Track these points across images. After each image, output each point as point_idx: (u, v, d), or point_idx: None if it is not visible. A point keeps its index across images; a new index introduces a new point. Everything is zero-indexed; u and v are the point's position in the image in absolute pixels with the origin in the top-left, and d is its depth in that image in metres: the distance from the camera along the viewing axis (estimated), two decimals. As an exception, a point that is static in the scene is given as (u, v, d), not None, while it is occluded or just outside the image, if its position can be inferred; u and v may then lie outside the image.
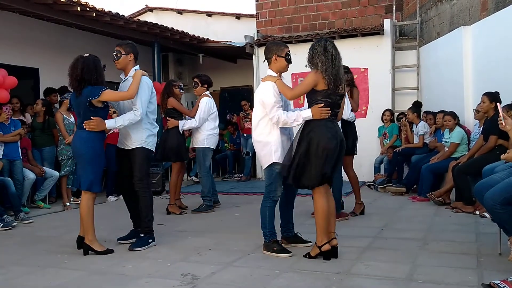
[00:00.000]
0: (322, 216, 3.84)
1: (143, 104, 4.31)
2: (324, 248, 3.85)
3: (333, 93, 3.83)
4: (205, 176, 6.35)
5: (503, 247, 3.84)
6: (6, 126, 6.24)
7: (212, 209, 6.34)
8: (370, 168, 8.73)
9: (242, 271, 3.68)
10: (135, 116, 4.28)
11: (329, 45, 3.86)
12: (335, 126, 3.94)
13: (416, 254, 3.99)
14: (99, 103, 4.22)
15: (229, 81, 12.29)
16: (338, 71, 3.85)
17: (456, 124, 6.64)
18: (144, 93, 4.32)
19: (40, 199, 6.71)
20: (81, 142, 4.24)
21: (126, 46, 4.48)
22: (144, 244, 4.40)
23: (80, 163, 4.30)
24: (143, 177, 4.43)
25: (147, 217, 4.45)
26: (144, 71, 4.50)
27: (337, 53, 3.89)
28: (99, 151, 4.31)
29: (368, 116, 9.27)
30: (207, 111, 6.31)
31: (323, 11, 10.29)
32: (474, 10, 7.30)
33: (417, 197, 6.84)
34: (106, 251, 4.23)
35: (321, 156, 3.75)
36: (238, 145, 10.76)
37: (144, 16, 12.83)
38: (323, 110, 3.80)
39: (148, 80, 4.44)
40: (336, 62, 3.83)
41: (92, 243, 4.22)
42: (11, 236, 5.12)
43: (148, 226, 4.45)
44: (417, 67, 9.13)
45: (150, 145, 4.48)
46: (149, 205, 4.46)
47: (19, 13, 7.83)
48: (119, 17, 8.28)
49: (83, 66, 4.16)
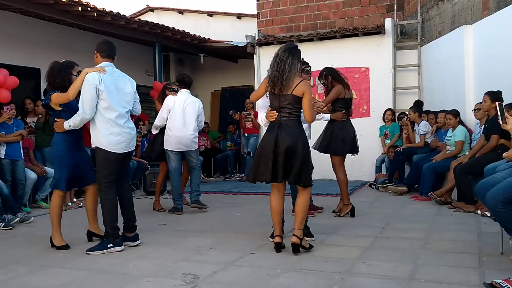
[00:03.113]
0: (272, 211, 4.18)
1: (83, 104, 4.18)
2: (275, 240, 4.15)
3: (273, 96, 4.08)
4: (171, 177, 6.25)
5: (505, 246, 3.84)
6: (9, 126, 6.26)
7: (179, 211, 6.16)
8: (371, 167, 8.73)
9: (243, 270, 3.68)
10: (77, 115, 4.25)
11: (280, 49, 4.10)
12: (276, 128, 4.04)
13: (417, 254, 3.98)
14: (57, 106, 4.36)
15: (230, 81, 12.31)
16: (280, 73, 3.98)
17: (458, 123, 6.64)
18: (84, 92, 4.19)
19: (42, 199, 6.73)
20: (52, 143, 4.50)
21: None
22: (100, 249, 4.24)
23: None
24: (100, 179, 4.32)
25: (105, 221, 4.31)
26: (102, 67, 4.29)
27: (284, 57, 4.00)
28: (62, 151, 4.38)
29: (369, 116, 9.27)
30: (165, 110, 6.18)
31: (324, 11, 10.29)
32: (475, 9, 7.29)
33: (419, 196, 6.84)
34: (64, 246, 4.43)
35: (255, 157, 4.19)
36: (239, 144, 10.75)
37: (145, 16, 12.84)
38: (269, 114, 4.12)
39: (94, 77, 4.17)
40: (280, 65, 3.99)
41: (54, 237, 4.47)
42: (12, 236, 5.12)
43: (107, 230, 4.31)
44: (418, 67, 9.12)
45: (109, 146, 4.26)
46: (107, 208, 4.29)
47: (20, 13, 7.85)
48: (120, 17, 8.29)
49: (48, 72, 4.46)
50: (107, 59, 4.39)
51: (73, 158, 4.42)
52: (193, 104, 6.20)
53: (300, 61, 4.19)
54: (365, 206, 6.30)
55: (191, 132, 6.13)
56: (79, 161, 4.47)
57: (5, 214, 5.57)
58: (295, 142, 3.99)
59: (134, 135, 4.46)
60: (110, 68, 4.35)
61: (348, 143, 5.57)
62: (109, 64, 4.38)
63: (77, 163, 4.45)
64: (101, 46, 4.42)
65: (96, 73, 4.20)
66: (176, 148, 6.13)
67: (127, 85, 4.44)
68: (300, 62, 4.25)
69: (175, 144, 6.11)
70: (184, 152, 6.21)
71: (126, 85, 4.43)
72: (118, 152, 4.29)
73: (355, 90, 9.34)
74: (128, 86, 4.45)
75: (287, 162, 4.00)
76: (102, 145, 4.27)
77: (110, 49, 4.41)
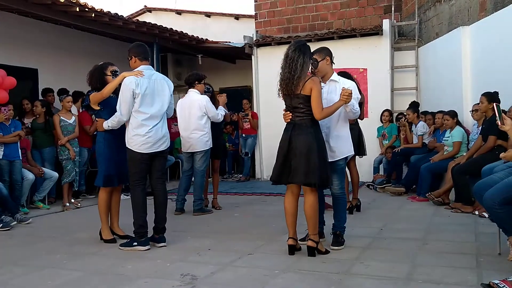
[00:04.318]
0: (285, 213, 4.09)
1: (120, 106, 4.35)
2: (288, 242, 4.08)
3: (286, 97, 4.02)
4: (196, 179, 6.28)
5: (502, 247, 3.85)
6: (6, 126, 6.25)
7: (176, 211, 6.22)
8: (369, 168, 8.73)
9: (241, 271, 3.68)
10: (115, 117, 4.41)
11: (289, 49, 4.00)
12: (291, 128, 4.00)
13: (415, 254, 3.99)
14: (96, 106, 4.58)
15: (228, 81, 12.28)
16: (292, 74, 3.91)
17: (456, 123, 6.65)
18: (121, 95, 4.35)
19: (39, 200, 6.72)
20: (96, 142, 4.79)
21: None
22: (127, 245, 4.41)
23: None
24: (130, 176, 4.46)
25: (134, 219, 4.41)
26: (140, 71, 4.41)
27: (295, 56, 3.92)
28: (103, 149, 4.61)
29: (367, 116, 9.27)
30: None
31: (322, 12, 10.29)
32: (472, 11, 7.31)
33: (416, 197, 6.85)
34: (111, 240, 4.66)
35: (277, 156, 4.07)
36: (237, 145, 10.76)
37: (143, 17, 12.82)
38: (284, 116, 4.08)
39: (131, 82, 4.31)
40: (292, 66, 3.92)
41: (103, 231, 4.72)
42: (10, 237, 5.11)
43: (134, 228, 4.41)
44: (416, 68, 9.14)
45: (134, 146, 4.37)
46: (133, 206, 4.41)
47: (18, 14, 7.82)
48: (118, 18, 8.28)
49: (88, 74, 4.71)
50: (145, 62, 4.51)
51: (114, 156, 4.58)
52: (195, 102, 6.11)
53: (311, 58, 4.07)
54: (363, 206, 6.30)
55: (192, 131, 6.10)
56: (120, 159, 4.57)
57: (3, 215, 5.56)
58: (308, 141, 3.91)
59: (162, 136, 4.48)
60: (148, 71, 4.48)
61: (354, 145, 5.54)
62: (146, 67, 4.50)
63: (118, 161, 4.58)
64: (137, 50, 4.54)
65: (133, 77, 4.34)
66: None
67: (165, 87, 4.55)
68: (312, 59, 4.11)
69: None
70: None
71: (163, 87, 4.53)
72: (142, 152, 4.38)
73: (353, 91, 9.36)
74: (166, 88, 4.55)
75: (298, 161, 3.90)
76: (129, 145, 4.42)
77: (145, 52, 4.56)
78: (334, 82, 4.26)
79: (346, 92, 3.94)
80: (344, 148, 4.29)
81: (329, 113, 3.98)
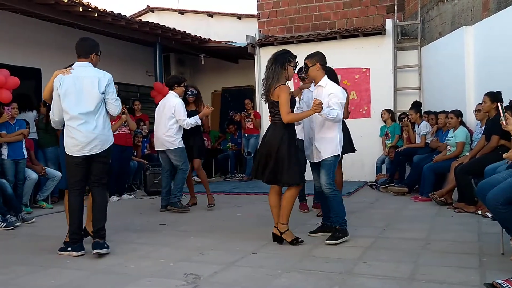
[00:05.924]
0: (270, 206, 4.53)
1: (52, 106, 4.29)
2: (273, 230, 4.48)
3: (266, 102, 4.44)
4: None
5: (505, 246, 3.84)
6: (11, 125, 6.28)
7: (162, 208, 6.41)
8: (372, 168, 8.74)
9: (244, 270, 3.69)
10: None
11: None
12: (270, 129, 4.43)
13: (418, 254, 3.99)
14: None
15: (231, 81, 12.32)
16: (266, 81, 4.37)
17: (460, 123, 6.64)
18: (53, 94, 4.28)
19: (43, 199, 6.73)
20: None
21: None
22: (63, 250, 4.28)
23: None
24: (67, 180, 4.39)
25: (68, 225, 4.36)
26: (67, 69, 4.25)
27: (269, 65, 4.37)
28: (64, 152, 4.40)
29: (370, 116, 9.28)
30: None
31: (325, 11, 10.30)
32: (475, 10, 7.30)
33: (419, 197, 6.84)
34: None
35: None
36: (239, 145, 10.76)
37: (145, 17, 12.85)
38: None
39: (56, 80, 4.19)
40: (266, 74, 4.38)
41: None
42: (13, 236, 5.12)
43: (68, 234, 4.34)
44: (419, 67, 9.13)
45: (67, 149, 4.21)
46: (70, 211, 4.35)
47: (21, 14, 7.85)
48: (121, 18, 8.30)
49: None
50: (80, 59, 4.30)
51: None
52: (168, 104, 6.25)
53: (288, 65, 4.32)
54: (366, 206, 6.30)
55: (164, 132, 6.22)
56: None
57: (8, 214, 5.58)
58: (273, 143, 4.29)
59: (94, 138, 4.15)
60: (80, 68, 4.24)
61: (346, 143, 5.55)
62: (81, 64, 4.27)
63: None
64: (76, 46, 4.37)
65: (59, 76, 4.18)
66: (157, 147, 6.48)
67: (95, 85, 4.17)
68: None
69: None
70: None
71: (93, 85, 4.17)
72: (73, 155, 4.17)
73: (355, 91, 9.37)
74: (96, 86, 4.18)
75: (265, 161, 4.36)
76: (63, 146, 4.27)
77: (80, 48, 4.33)
78: (321, 88, 4.48)
79: (316, 102, 4.13)
80: (329, 149, 4.45)
81: (297, 118, 4.37)
